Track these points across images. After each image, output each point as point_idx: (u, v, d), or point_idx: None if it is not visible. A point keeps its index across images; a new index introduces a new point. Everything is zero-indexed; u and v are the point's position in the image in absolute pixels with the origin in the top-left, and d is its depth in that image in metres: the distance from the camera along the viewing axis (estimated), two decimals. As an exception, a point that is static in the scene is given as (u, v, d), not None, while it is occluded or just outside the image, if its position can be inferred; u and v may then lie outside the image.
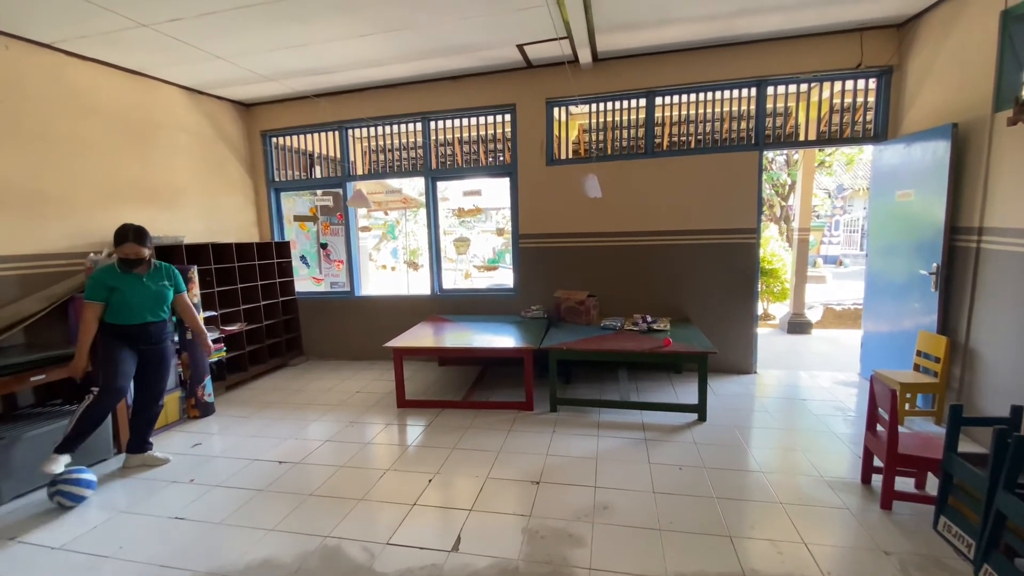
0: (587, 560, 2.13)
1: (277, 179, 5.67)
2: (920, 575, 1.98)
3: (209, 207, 5.05)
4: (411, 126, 5.21)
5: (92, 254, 3.63)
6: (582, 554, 2.17)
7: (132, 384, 3.14)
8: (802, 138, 4.57)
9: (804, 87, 4.33)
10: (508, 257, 5.46)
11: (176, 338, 3.75)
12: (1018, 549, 1.83)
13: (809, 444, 3.17)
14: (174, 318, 3.27)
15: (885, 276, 4.03)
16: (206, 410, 3.98)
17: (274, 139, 5.60)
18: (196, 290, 3.90)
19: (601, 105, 4.71)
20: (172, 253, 4.19)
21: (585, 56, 4.20)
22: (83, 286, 3.60)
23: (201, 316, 3.96)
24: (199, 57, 4.01)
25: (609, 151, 4.76)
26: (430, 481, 2.85)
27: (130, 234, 2.89)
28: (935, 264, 3.41)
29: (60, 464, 2.74)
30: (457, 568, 2.10)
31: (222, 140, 5.22)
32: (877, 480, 2.58)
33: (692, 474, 2.83)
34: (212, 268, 4.46)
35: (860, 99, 4.27)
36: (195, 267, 3.93)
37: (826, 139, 4.49)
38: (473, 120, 5.07)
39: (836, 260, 14.84)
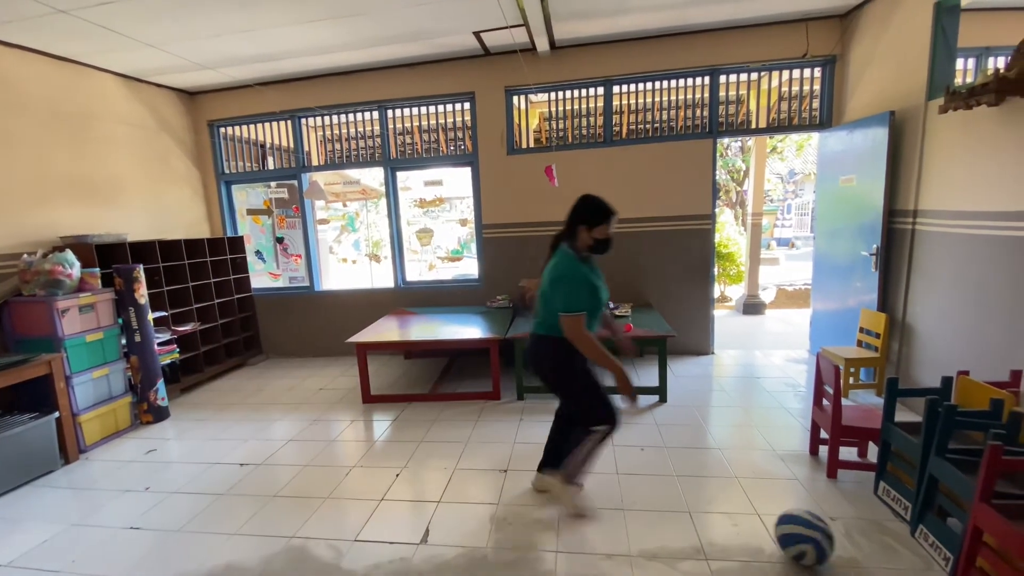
0: (554, 543, 2.18)
1: (227, 171, 5.43)
2: (862, 538, 2.12)
3: (154, 202, 4.79)
4: (368, 115, 5.08)
5: (26, 255, 3.40)
6: (549, 538, 2.22)
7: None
8: (754, 126, 4.72)
9: (755, 76, 4.46)
10: (472, 247, 5.43)
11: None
12: (949, 510, 1.98)
13: (762, 420, 3.32)
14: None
15: (831, 258, 4.23)
16: (160, 414, 3.82)
17: (222, 129, 5.36)
18: (143, 290, 3.71)
19: (560, 93, 4.72)
20: (115, 252, 3.97)
21: (543, 44, 4.19)
22: (17, 289, 3.39)
23: (151, 317, 3.79)
24: (131, 45, 3.77)
25: (570, 140, 4.79)
26: (397, 475, 2.84)
27: (612, 206, 2.19)
28: (875, 245, 3.60)
29: (577, 493, 2.37)
30: (426, 560, 2.12)
31: (165, 131, 4.95)
32: (824, 451, 2.73)
33: (653, 454, 2.92)
34: (160, 266, 4.25)
35: (807, 87, 4.43)
36: (141, 266, 3.74)
37: (776, 126, 4.65)
38: (432, 108, 4.98)
39: (788, 242, 15.49)
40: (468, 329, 4.09)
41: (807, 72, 4.37)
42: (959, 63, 3.34)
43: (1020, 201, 2.52)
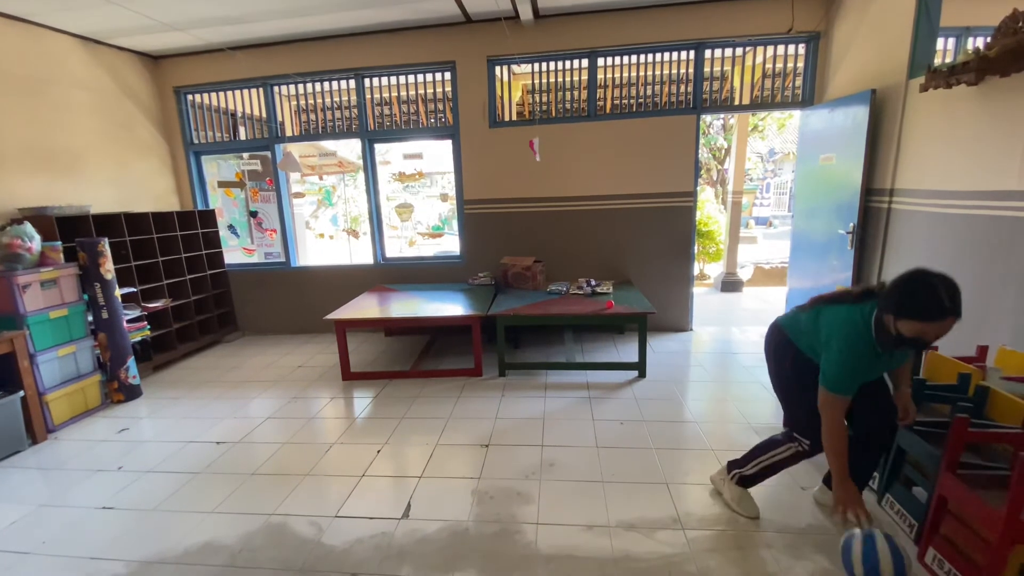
0: (534, 516, 2.21)
1: (196, 141, 5.21)
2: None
3: (118, 173, 4.57)
4: (344, 83, 4.89)
5: (-21, 227, 3.22)
6: (530, 510, 2.24)
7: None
8: (737, 102, 4.69)
9: (739, 52, 4.41)
10: (454, 223, 5.35)
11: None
12: (915, 480, 2.06)
13: (738, 394, 3.40)
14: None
15: (808, 236, 4.29)
16: (132, 393, 3.72)
17: (190, 96, 5.11)
18: (109, 265, 3.57)
19: (544, 65, 4.61)
20: (77, 225, 3.79)
21: (526, 12, 4.06)
22: None
23: (118, 293, 3.65)
24: (89, 2, 3.52)
25: (553, 113, 4.70)
26: (379, 452, 2.83)
27: (947, 304, 1.58)
28: (852, 224, 3.65)
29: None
30: (407, 534, 2.12)
31: (128, 97, 4.69)
32: (797, 424, 2.80)
33: (632, 428, 2.97)
34: (127, 240, 4.08)
35: (791, 65, 4.41)
36: (106, 239, 3.58)
37: (759, 103, 4.64)
38: (411, 78, 4.82)
39: (767, 221, 15.68)
40: (450, 306, 4.06)
41: (791, 49, 4.35)
42: (939, 42, 3.35)
43: (994, 180, 2.57)
